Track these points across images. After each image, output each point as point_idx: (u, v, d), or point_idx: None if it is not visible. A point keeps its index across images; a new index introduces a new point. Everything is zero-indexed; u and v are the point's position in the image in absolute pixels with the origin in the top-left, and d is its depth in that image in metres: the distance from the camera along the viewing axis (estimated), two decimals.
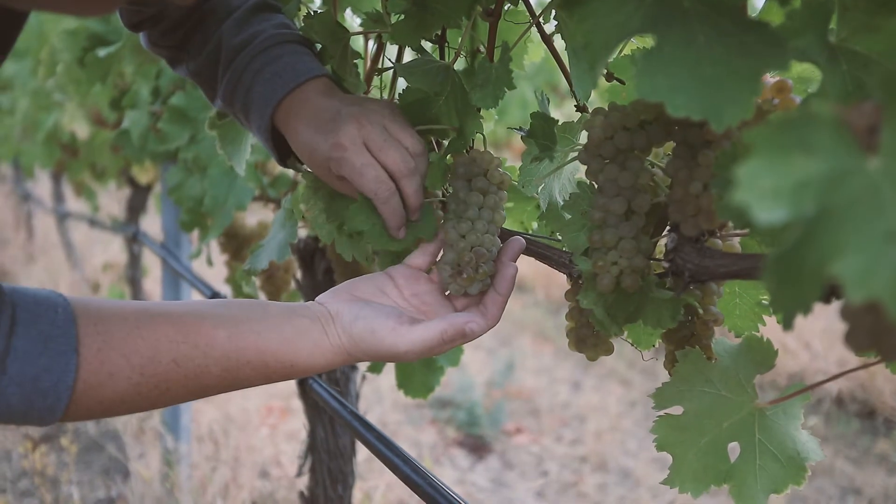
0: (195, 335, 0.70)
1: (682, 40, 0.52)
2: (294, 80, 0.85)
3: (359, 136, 0.78)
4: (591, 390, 3.99)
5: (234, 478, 2.37)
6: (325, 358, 0.75)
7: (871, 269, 0.33)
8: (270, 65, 0.87)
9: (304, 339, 0.74)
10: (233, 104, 0.91)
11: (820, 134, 0.35)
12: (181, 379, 0.69)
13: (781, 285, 0.37)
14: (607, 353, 0.84)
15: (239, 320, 0.73)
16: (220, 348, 0.70)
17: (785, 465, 0.72)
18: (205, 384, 0.71)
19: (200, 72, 0.95)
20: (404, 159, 0.79)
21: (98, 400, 0.65)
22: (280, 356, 0.73)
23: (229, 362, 0.71)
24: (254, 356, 0.72)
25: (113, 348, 0.65)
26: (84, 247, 5.85)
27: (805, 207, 0.35)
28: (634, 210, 0.69)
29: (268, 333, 0.73)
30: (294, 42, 0.90)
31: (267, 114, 0.86)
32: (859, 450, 3.36)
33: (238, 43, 0.89)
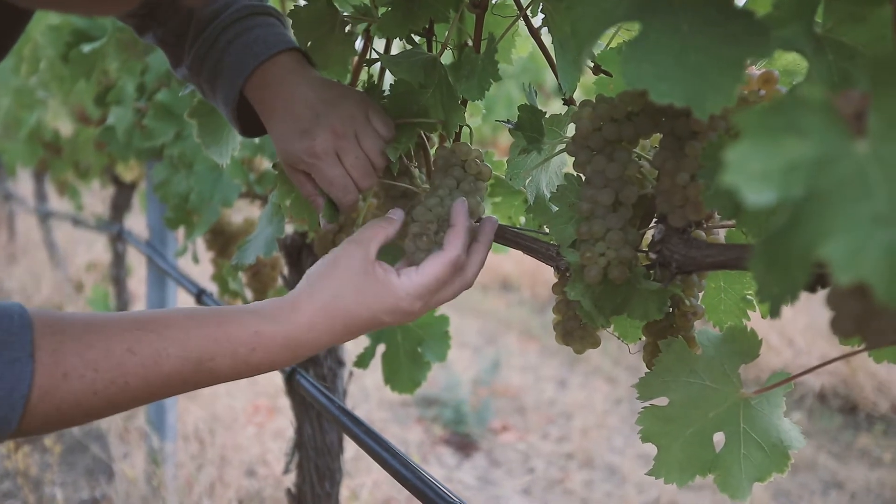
0: (151, 321, 0.67)
1: (667, 28, 0.53)
2: (265, 51, 0.86)
3: (333, 147, 0.83)
4: (576, 388, 4.01)
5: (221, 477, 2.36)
6: (305, 316, 0.71)
7: (859, 252, 0.34)
8: (241, 36, 0.87)
9: (269, 304, 0.72)
10: (199, 74, 0.91)
11: (810, 117, 0.35)
12: (138, 369, 0.64)
13: (770, 270, 0.37)
14: (594, 345, 0.84)
15: (198, 307, 0.71)
16: (178, 327, 0.67)
17: (769, 453, 0.72)
18: (164, 372, 0.65)
19: (167, 39, 0.95)
20: (367, 171, 0.84)
21: (55, 405, 0.61)
22: (244, 322, 0.69)
23: (188, 340, 0.67)
24: (215, 328, 0.68)
25: (67, 347, 0.62)
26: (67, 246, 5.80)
27: (794, 190, 0.35)
28: (622, 201, 0.70)
29: (229, 308, 0.71)
30: (265, 14, 0.90)
31: (237, 85, 0.86)
32: (841, 445, 3.40)
33: (209, 13, 0.90)
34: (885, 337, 0.43)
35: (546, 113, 0.77)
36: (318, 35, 0.86)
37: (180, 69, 0.96)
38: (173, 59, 0.97)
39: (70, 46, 1.55)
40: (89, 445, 2.84)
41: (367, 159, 0.84)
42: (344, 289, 0.73)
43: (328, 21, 0.86)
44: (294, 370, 1.19)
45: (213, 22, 0.89)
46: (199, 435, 2.74)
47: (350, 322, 0.74)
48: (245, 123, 0.92)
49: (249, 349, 0.69)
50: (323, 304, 0.72)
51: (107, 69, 2.01)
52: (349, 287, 0.73)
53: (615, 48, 0.79)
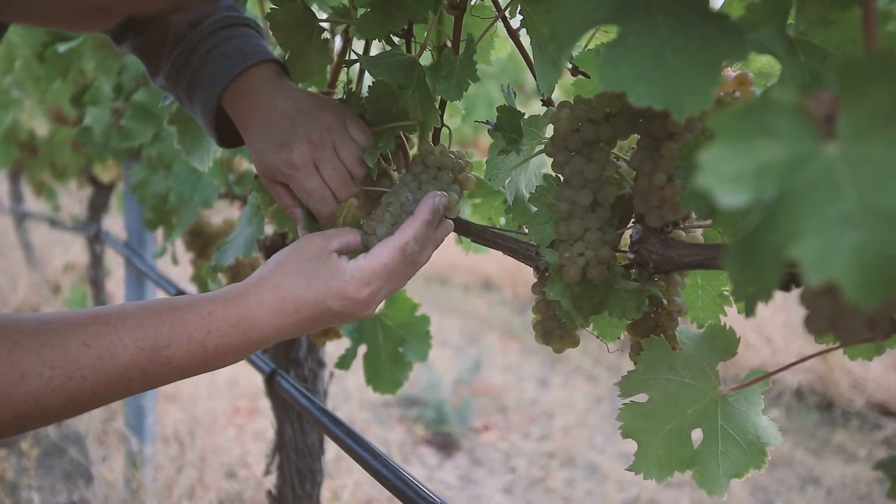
0: (105, 314, 0.65)
1: (645, 31, 0.53)
2: (242, 63, 0.86)
3: (311, 158, 0.83)
4: (558, 387, 4.02)
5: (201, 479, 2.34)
6: (255, 296, 0.71)
7: (829, 252, 0.34)
8: (219, 47, 0.87)
9: (221, 290, 0.71)
10: (177, 84, 0.91)
11: (781, 119, 0.36)
12: (94, 362, 0.63)
13: (743, 270, 0.38)
14: (573, 345, 0.85)
15: (154, 300, 0.70)
16: (132, 317, 0.65)
17: (746, 449, 0.73)
18: (121, 363, 0.64)
19: (144, 48, 0.94)
20: (346, 182, 0.84)
21: (11, 407, 0.60)
22: (199, 306, 0.68)
23: (142, 328, 0.65)
24: (168, 313, 0.67)
25: (24, 346, 0.61)
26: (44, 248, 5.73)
27: (766, 192, 0.36)
28: (600, 202, 0.70)
29: (184, 297, 0.70)
30: (243, 25, 0.91)
31: (214, 95, 0.86)
32: (818, 441, 3.44)
33: (187, 23, 0.89)
34: (856, 334, 0.44)
35: (525, 114, 0.77)
36: (295, 43, 0.86)
37: (158, 78, 0.95)
38: (150, 69, 0.96)
39: (45, 46, 1.53)
40: (67, 449, 2.81)
41: (346, 169, 0.84)
42: (295, 271, 0.73)
43: (305, 27, 0.86)
44: (274, 371, 1.19)
45: (191, 32, 0.89)
46: (179, 437, 2.73)
47: (299, 305, 0.73)
48: (223, 134, 0.92)
49: (204, 332, 0.68)
50: (273, 284, 0.72)
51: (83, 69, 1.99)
52: (300, 270, 0.73)
53: (593, 50, 0.80)
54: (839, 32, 0.57)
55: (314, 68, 0.90)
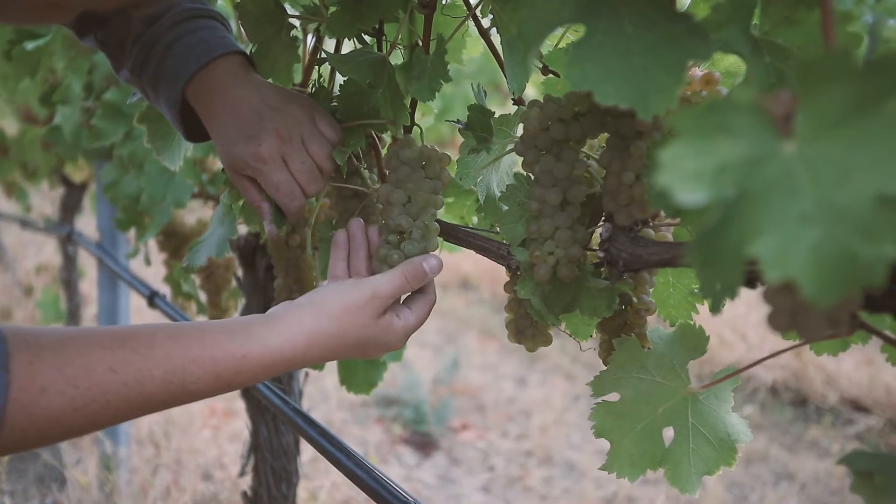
0: (133, 340, 0.64)
1: (612, 30, 0.54)
2: (207, 54, 0.85)
3: (278, 152, 0.82)
4: (535, 385, 4.04)
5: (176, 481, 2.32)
6: (285, 336, 0.71)
7: (787, 250, 0.35)
8: (183, 38, 0.86)
9: (255, 325, 0.71)
10: (141, 76, 0.90)
11: (740, 118, 0.36)
12: (120, 388, 0.62)
13: (705, 268, 0.38)
14: (546, 343, 0.85)
15: (178, 324, 0.70)
16: (161, 349, 0.65)
17: (717, 447, 0.73)
18: (147, 392, 0.64)
19: (107, 41, 0.93)
20: (315, 176, 0.84)
21: (32, 420, 0.58)
22: (228, 345, 0.68)
23: (172, 363, 0.65)
24: (199, 351, 0.66)
25: (45, 361, 0.59)
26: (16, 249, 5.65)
27: (725, 190, 0.36)
28: (570, 200, 0.71)
29: (212, 327, 0.69)
30: (207, 17, 0.90)
31: (178, 87, 0.85)
32: (792, 437, 3.49)
33: (150, 15, 0.88)
34: (817, 331, 0.44)
35: (495, 113, 0.77)
36: (264, 37, 0.85)
37: (122, 72, 0.94)
38: (115, 62, 0.95)
39: (13, 44, 1.51)
40: (40, 452, 2.77)
41: (314, 164, 0.83)
42: (349, 334, 0.75)
43: (275, 22, 0.85)
44: None
45: (154, 24, 0.88)
46: (154, 438, 2.70)
47: (342, 354, 0.76)
48: (189, 128, 0.91)
49: (234, 372, 0.68)
50: (324, 340, 0.73)
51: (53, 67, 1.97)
52: (355, 334, 0.75)
53: (563, 49, 0.80)
54: (803, 32, 0.57)
55: (281, 65, 0.89)
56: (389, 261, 0.81)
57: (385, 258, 0.82)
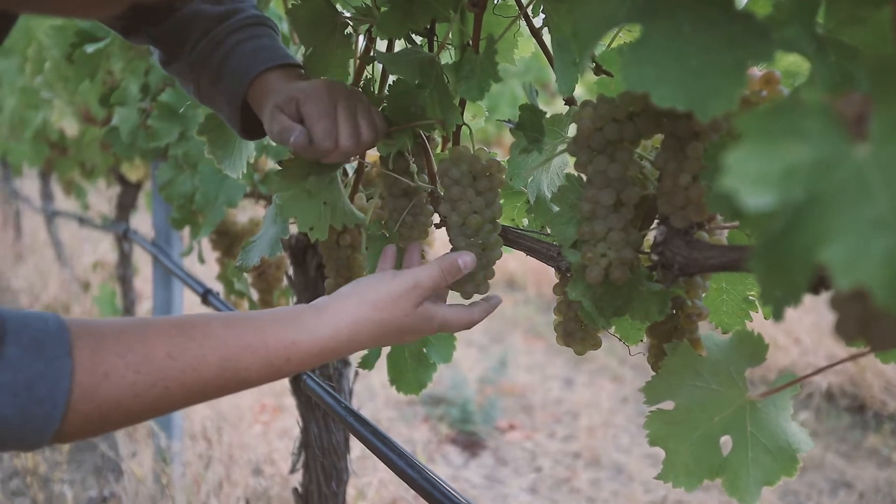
0: (189, 328, 0.67)
1: (669, 30, 0.52)
2: (272, 60, 0.89)
3: (329, 96, 0.83)
4: (582, 386, 4.00)
5: (228, 475, 2.36)
6: (331, 325, 0.73)
7: (859, 256, 0.33)
8: (252, 40, 0.91)
9: (303, 314, 0.73)
10: (201, 70, 0.94)
11: (809, 120, 0.35)
12: (178, 374, 0.65)
13: (769, 274, 0.37)
14: (594, 347, 0.84)
15: (232, 314, 0.73)
16: (216, 336, 0.68)
17: (776, 456, 0.71)
18: (204, 378, 0.67)
19: (162, 37, 0.97)
20: (354, 132, 0.83)
21: (96, 404, 0.61)
22: (279, 333, 0.70)
23: (227, 349, 0.68)
24: (252, 338, 0.69)
25: (106, 348, 0.62)
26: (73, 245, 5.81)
27: (793, 194, 0.35)
28: (623, 202, 0.69)
29: (263, 316, 0.72)
30: (271, 27, 0.95)
31: (245, 83, 0.89)
32: (850, 444, 3.38)
33: (218, 13, 0.93)
34: (888, 340, 0.43)
35: (546, 112, 0.76)
36: (317, 39, 0.86)
37: (175, 64, 0.98)
38: (167, 55, 0.99)
39: (74, 47, 1.55)
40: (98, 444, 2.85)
41: (357, 124, 0.83)
42: (390, 322, 0.77)
43: (328, 24, 0.86)
44: None
45: (224, 23, 0.92)
46: (207, 433, 2.75)
47: (382, 341, 0.78)
48: (244, 126, 0.94)
49: (284, 360, 0.71)
50: (368, 327, 0.75)
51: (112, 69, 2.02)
52: (396, 322, 0.77)
53: (616, 49, 0.79)
54: (870, 31, 0.55)
55: (336, 62, 0.90)
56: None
57: None
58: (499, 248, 0.86)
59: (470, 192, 0.83)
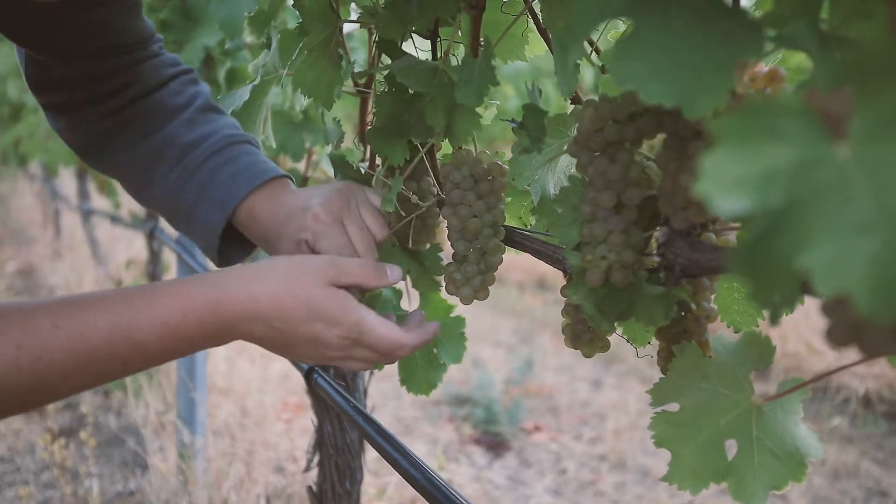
0: (81, 299, 0.64)
1: (660, 25, 0.51)
2: (255, 179, 0.88)
3: (338, 213, 0.83)
4: (611, 388, 3.96)
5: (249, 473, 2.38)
6: (226, 286, 0.68)
7: (841, 262, 0.32)
8: (229, 164, 0.89)
9: (204, 274, 0.70)
10: (177, 199, 0.91)
11: (787, 121, 0.34)
12: (63, 343, 0.61)
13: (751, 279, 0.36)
14: (603, 349, 0.83)
15: (131, 287, 0.69)
16: (107, 301, 0.64)
17: (784, 461, 0.70)
18: (92, 345, 0.62)
19: (128, 167, 0.95)
20: (370, 246, 0.84)
21: None
22: (173, 290, 0.66)
23: (117, 314, 0.63)
24: (141, 299, 0.65)
25: None
26: (108, 243, 5.92)
27: (773, 198, 0.33)
28: (625, 203, 0.68)
29: (163, 282, 0.69)
30: (246, 142, 0.93)
31: (227, 210, 0.87)
32: (886, 451, 3.30)
33: (190, 140, 0.91)
34: (881, 347, 0.41)
35: (548, 111, 0.75)
36: (315, 38, 0.84)
37: (144, 195, 0.96)
38: (134, 183, 0.97)
39: None
40: (125, 439, 2.90)
41: (370, 233, 0.84)
42: (297, 293, 0.71)
43: (328, 26, 0.84)
44: (312, 369, 1.20)
45: (196, 149, 0.90)
46: (230, 430, 2.78)
47: (289, 314, 0.71)
48: (224, 254, 0.93)
49: (179, 315, 0.66)
50: (266, 287, 0.70)
51: None
52: (304, 295, 0.71)
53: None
54: (876, 26, 0.53)
55: (324, 82, 0.87)
56: (454, 279, 0.85)
57: (451, 276, 0.85)
58: (499, 254, 0.85)
59: (470, 196, 0.82)
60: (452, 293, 0.87)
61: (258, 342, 0.72)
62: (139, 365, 0.66)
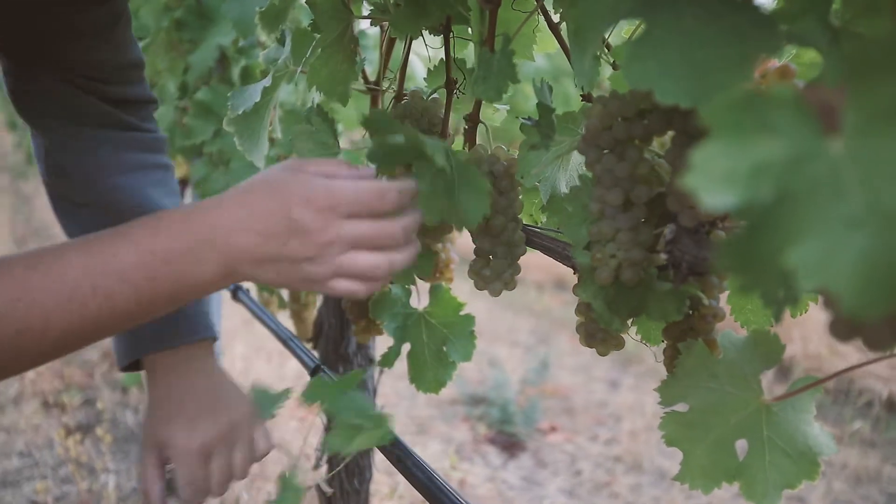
0: (48, 246, 0.62)
1: (673, 24, 0.51)
2: (179, 338, 0.90)
3: (209, 448, 0.85)
4: (628, 389, 3.94)
5: (262, 470, 2.39)
6: (222, 203, 0.65)
7: (830, 257, 0.32)
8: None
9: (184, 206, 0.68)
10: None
11: (780, 113, 0.33)
12: (41, 282, 0.59)
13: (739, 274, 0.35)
14: (618, 347, 0.82)
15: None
16: (82, 240, 0.62)
17: (796, 460, 0.70)
18: (70, 280, 0.60)
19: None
20: (225, 484, 0.87)
21: None
22: (152, 215, 0.65)
23: (90, 246, 0.62)
24: (119, 229, 0.64)
25: None
26: None
27: (762, 192, 0.33)
28: (633, 201, 0.68)
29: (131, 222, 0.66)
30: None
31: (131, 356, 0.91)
32: None
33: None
34: (882, 341, 0.41)
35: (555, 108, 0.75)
36: (328, 35, 0.85)
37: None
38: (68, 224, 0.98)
39: None
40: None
41: (231, 472, 0.86)
42: (260, 181, 0.67)
43: (341, 22, 0.85)
44: (318, 366, 1.20)
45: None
46: None
47: (257, 204, 0.65)
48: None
49: (152, 233, 0.63)
50: (234, 191, 0.67)
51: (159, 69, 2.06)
52: (265, 179, 0.67)
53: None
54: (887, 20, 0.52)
55: (338, 78, 0.86)
56: (484, 275, 0.85)
57: (479, 272, 0.85)
58: (523, 245, 0.84)
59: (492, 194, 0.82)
60: (482, 289, 0.87)
61: (245, 261, 0.65)
62: (127, 299, 0.62)
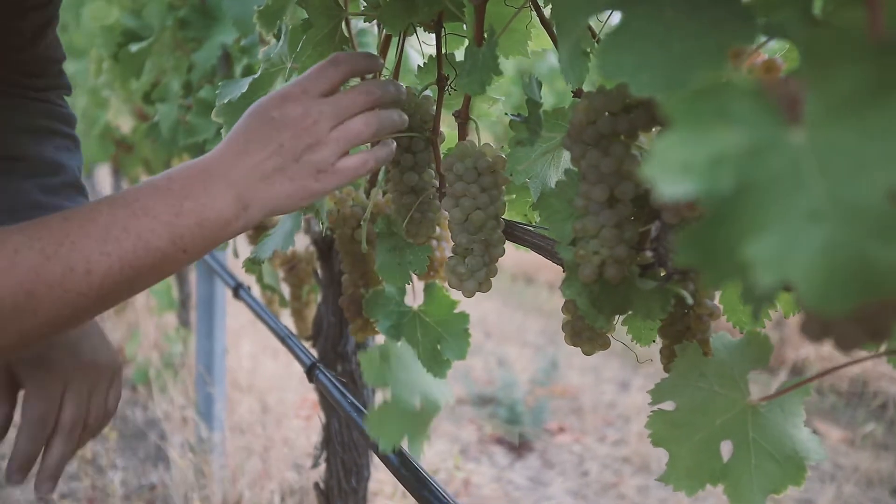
0: (79, 205, 0.67)
1: (651, 15, 0.50)
2: None
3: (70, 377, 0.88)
4: (637, 390, 3.92)
5: (266, 469, 2.39)
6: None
7: (789, 249, 0.31)
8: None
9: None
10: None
11: (740, 103, 0.33)
12: (76, 228, 0.63)
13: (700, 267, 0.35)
14: (603, 347, 0.81)
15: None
16: (106, 198, 0.67)
17: (782, 464, 0.69)
18: (102, 224, 0.64)
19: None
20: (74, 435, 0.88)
21: (17, 283, 0.60)
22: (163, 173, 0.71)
23: (115, 199, 0.67)
24: (139, 185, 0.69)
25: (9, 231, 0.62)
26: None
27: (721, 183, 0.32)
28: (618, 198, 0.67)
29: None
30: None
31: None
32: None
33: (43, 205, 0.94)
34: (851, 340, 0.40)
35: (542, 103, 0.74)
36: (319, 31, 0.84)
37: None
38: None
39: (120, 46, 1.60)
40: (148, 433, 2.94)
41: (82, 411, 0.87)
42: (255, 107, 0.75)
43: (333, 18, 0.84)
44: (314, 364, 1.20)
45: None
46: (248, 426, 2.80)
47: (242, 122, 0.74)
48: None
49: (166, 178, 0.69)
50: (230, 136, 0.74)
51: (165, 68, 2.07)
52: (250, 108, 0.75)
53: None
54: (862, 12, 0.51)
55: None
56: (458, 272, 0.83)
57: (454, 269, 0.84)
58: (501, 246, 0.84)
59: (474, 188, 0.82)
60: (455, 286, 0.86)
61: (255, 184, 0.72)
62: (159, 236, 0.66)
